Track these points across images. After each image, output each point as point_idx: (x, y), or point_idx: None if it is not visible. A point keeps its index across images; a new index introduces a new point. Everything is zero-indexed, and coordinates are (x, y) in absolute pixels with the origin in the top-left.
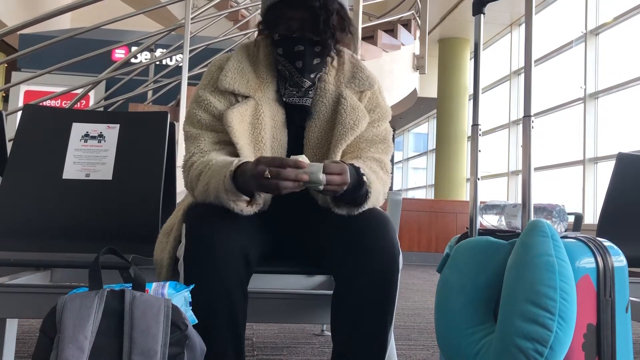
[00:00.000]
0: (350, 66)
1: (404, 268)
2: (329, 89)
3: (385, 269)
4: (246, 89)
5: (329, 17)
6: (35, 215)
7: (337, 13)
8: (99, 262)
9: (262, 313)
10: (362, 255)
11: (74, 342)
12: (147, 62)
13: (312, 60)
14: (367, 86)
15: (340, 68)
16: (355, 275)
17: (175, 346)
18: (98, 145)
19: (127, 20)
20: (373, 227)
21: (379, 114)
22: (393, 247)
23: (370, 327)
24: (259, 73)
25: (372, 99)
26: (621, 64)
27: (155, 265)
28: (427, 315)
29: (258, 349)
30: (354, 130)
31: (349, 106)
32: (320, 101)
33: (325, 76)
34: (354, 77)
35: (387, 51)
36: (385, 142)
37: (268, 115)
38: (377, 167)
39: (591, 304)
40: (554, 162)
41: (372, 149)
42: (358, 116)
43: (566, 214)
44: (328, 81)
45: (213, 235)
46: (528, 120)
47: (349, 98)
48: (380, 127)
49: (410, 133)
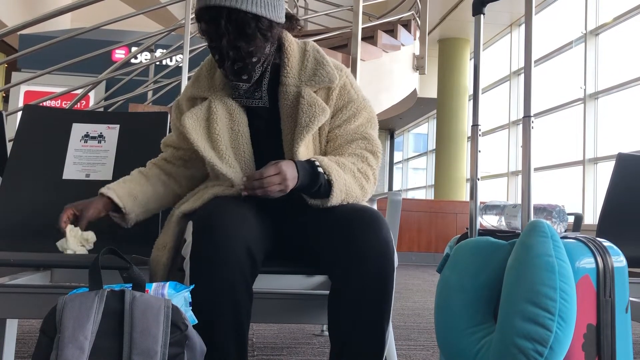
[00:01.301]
0: (313, 63)
1: (404, 268)
2: (290, 90)
3: (380, 268)
4: (201, 91)
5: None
6: (35, 216)
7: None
8: (99, 262)
9: (262, 313)
10: (356, 255)
11: (74, 342)
12: (147, 62)
13: (232, 65)
14: (327, 82)
15: (303, 65)
16: (351, 276)
17: (175, 346)
18: (98, 145)
19: (127, 20)
20: (367, 227)
21: (352, 109)
22: (387, 247)
23: (367, 327)
24: (215, 75)
25: (342, 94)
26: (621, 64)
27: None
28: (427, 315)
29: (258, 349)
30: (309, 127)
31: (306, 104)
32: (284, 103)
33: (284, 79)
34: (314, 74)
35: (387, 51)
36: (366, 138)
37: (222, 110)
38: (358, 161)
39: (591, 304)
40: (554, 162)
41: (352, 146)
42: (315, 113)
43: (566, 214)
44: (288, 83)
45: (218, 235)
46: (528, 121)
47: (307, 96)
48: (356, 122)
49: (410, 133)
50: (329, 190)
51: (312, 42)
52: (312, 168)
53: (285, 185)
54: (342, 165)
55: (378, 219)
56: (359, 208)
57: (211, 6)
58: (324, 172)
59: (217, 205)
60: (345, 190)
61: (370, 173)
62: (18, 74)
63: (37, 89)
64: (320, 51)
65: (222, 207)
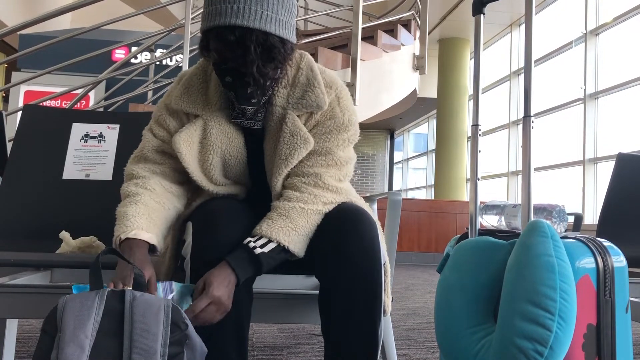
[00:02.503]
0: (304, 83)
1: (404, 268)
2: (276, 111)
3: (366, 267)
4: (193, 107)
5: (245, 52)
6: (35, 216)
7: (259, 44)
8: (99, 262)
9: (262, 313)
10: (342, 256)
11: (74, 341)
12: (147, 62)
13: (246, 89)
14: (314, 108)
15: (293, 85)
16: (339, 277)
17: (175, 345)
18: (98, 145)
19: (127, 20)
20: (352, 226)
21: (330, 126)
22: (372, 245)
23: (358, 327)
24: (209, 91)
25: (326, 112)
26: (621, 64)
27: None
28: (427, 315)
29: (258, 349)
30: (288, 161)
31: (288, 133)
32: (268, 124)
33: (274, 98)
34: (302, 97)
35: (387, 51)
36: (329, 155)
37: (219, 133)
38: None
39: (591, 304)
40: (554, 162)
41: (310, 161)
42: (295, 144)
43: (566, 214)
44: (276, 103)
45: (219, 235)
46: (528, 121)
47: (290, 123)
48: (328, 142)
49: (410, 133)
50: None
51: (307, 57)
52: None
53: (225, 308)
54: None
55: (360, 216)
56: (343, 208)
57: (238, 26)
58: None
59: (216, 206)
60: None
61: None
62: (18, 74)
63: (37, 89)
64: (314, 69)
65: (221, 208)
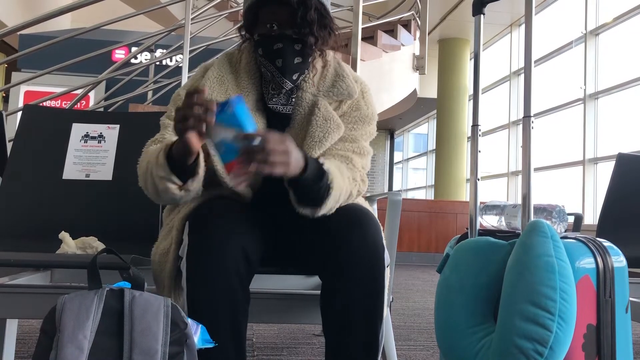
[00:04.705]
0: (333, 74)
1: (404, 268)
2: (306, 97)
3: (369, 268)
4: (224, 98)
5: (306, 13)
6: (35, 216)
7: (316, 9)
8: (96, 262)
9: (262, 313)
10: (345, 254)
11: (73, 342)
12: (147, 62)
13: (293, 58)
14: (345, 96)
15: (322, 75)
16: (341, 275)
17: (175, 345)
18: (98, 145)
19: (127, 20)
20: (355, 225)
21: (356, 117)
22: (376, 246)
23: (360, 327)
24: (240, 81)
25: (352, 104)
26: (621, 64)
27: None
28: (427, 315)
29: (258, 349)
30: (322, 143)
31: (321, 117)
32: (297, 109)
33: (304, 84)
34: (333, 86)
35: (387, 51)
36: (356, 142)
37: None
38: (342, 164)
39: (591, 304)
40: (554, 162)
41: (339, 145)
42: (329, 128)
43: (566, 214)
44: (306, 89)
45: (214, 236)
46: (528, 121)
47: (323, 108)
48: (354, 130)
49: (410, 133)
50: (323, 196)
51: (332, 52)
52: (319, 166)
53: (287, 161)
54: (341, 172)
55: (365, 217)
56: (347, 207)
57: None
58: (328, 175)
59: (212, 206)
60: (337, 198)
61: (358, 175)
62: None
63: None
64: (341, 63)
65: (218, 208)
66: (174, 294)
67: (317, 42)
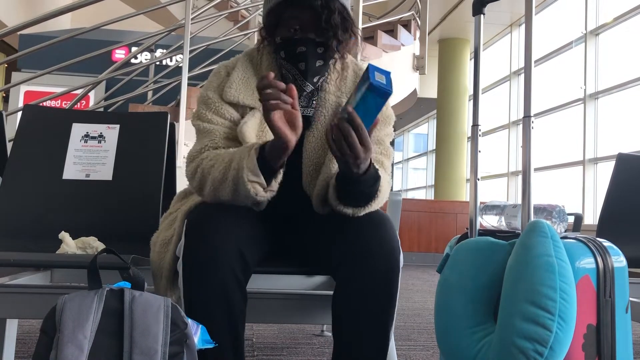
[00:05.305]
0: (353, 75)
1: (404, 268)
2: (328, 98)
3: (386, 269)
4: (251, 100)
5: (330, 16)
6: (35, 216)
7: (339, 13)
8: (96, 262)
9: (262, 313)
10: (362, 256)
11: (73, 342)
12: (147, 62)
13: (315, 61)
14: None
15: (342, 77)
16: (356, 276)
17: (175, 345)
18: (98, 145)
19: (127, 20)
20: (373, 228)
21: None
22: (394, 248)
23: (370, 328)
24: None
25: None
26: (621, 64)
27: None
28: (427, 315)
29: (258, 349)
30: None
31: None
32: (319, 110)
33: (326, 85)
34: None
35: (387, 51)
36: (383, 144)
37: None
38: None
39: (591, 305)
40: (554, 162)
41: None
42: None
43: (566, 214)
44: (328, 90)
45: (210, 236)
46: (528, 121)
47: None
48: (378, 131)
49: (410, 133)
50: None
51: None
52: (376, 170)
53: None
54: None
55: (385, 219)
56: None
57: None
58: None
59: (209, 206)
60: (380, 202)
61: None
62: (18, 74)
63: (37, 89)
64: (359, 64)
65: (215, 208)
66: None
67: (339, 46)
